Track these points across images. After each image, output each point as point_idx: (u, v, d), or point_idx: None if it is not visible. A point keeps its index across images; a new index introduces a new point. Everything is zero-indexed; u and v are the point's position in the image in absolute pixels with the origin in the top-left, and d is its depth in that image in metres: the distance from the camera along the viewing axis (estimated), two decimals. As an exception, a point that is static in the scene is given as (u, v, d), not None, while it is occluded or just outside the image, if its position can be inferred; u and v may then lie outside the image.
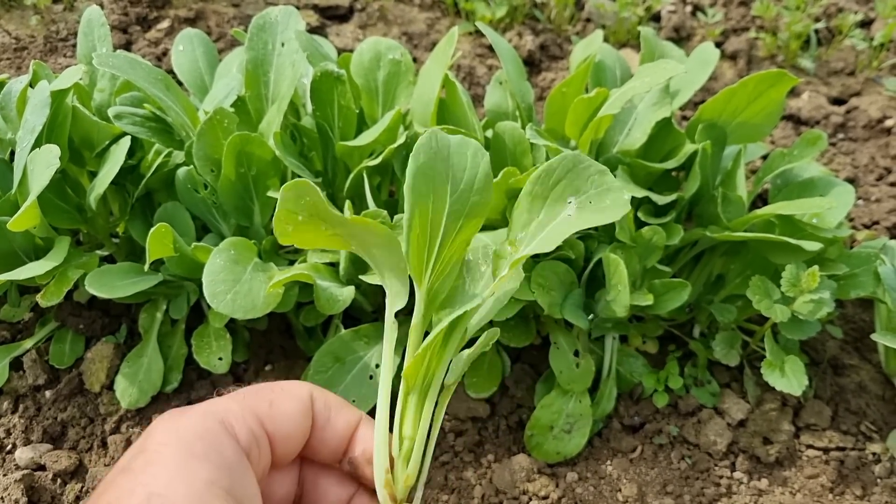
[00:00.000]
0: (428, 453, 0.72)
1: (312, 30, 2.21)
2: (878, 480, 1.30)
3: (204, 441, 0.59)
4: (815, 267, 1.19)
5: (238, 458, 0.60)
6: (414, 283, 0.72)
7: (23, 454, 1.27)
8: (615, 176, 1.26)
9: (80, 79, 1.27)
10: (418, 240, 0.70)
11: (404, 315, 0.75)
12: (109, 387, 1.36)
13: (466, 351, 0.77)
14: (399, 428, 0.71)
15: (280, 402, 0.67)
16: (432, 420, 0.73)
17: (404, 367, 0.71)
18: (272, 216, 1.44)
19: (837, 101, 2.16)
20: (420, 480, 0.72)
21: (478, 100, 2.00)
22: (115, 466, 0.60)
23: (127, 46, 2.08)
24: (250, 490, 0.60)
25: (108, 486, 0.57)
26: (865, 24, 2.38)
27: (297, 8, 2.27)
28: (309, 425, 0.70)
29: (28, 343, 1.41)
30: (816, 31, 2.32)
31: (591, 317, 1.29)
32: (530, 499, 1.24)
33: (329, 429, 0.71)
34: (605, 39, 2.19)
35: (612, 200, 0.73)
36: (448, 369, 0.75)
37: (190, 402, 1.36)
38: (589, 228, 1.34)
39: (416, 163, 0.70)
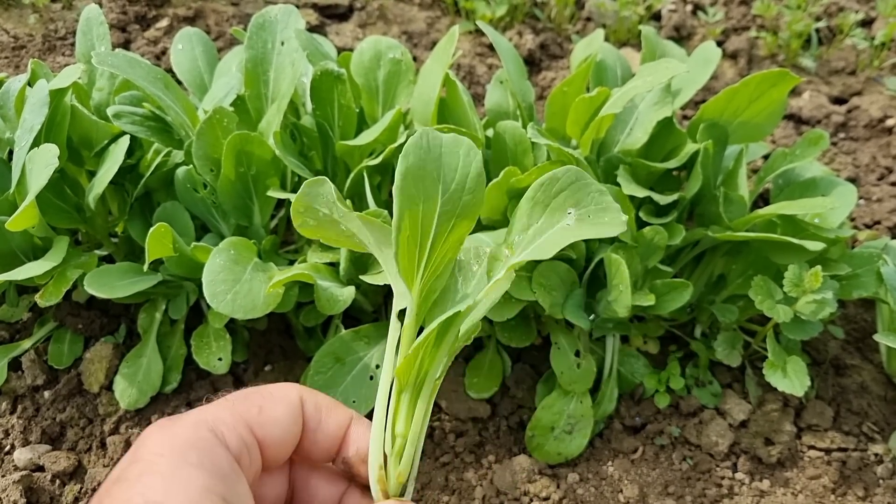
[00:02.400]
0: (417, 448, 0.73)
1: (312, 28, 2.20)
2: (881, 481, 1.29)
3: (197, 450, 0.59)
4: (818, 267, 1.18)
5: (230, 465, 0.61)
6: (405, 285, 0.72)
7: (21, 455, 1.27)
8: (616, 175, 1.26)
9: (79, 78, 1.26)
10: (408, 242, 0.70)
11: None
12: (108, 387, 1.36)
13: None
14: (392, 426, 0.72)
15: (269, 408, 0.68)
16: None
17: (396, 366, 0.71)
18: (272, 215, 1.44)
19: (838, 101, 2.15)
20: (411, 475, 0.73)
21: (478, 99, 2.00)
22: (109, 477, 0.60)
23: (126, 45, 2.07)
24: (243, 496, 0.61)
25: (103, 496, 0.57)
26: (866, 23, 2.37)
27: (297, 7, 2.26)
28: (299, 429, 0.70)
29: (27, 343, 1.40)
30: (817, 31, 2.31)
31: (592, 317, 1.28)
32: (531, 500, 1.24)
33: (320, 431, 0.71)
34: (606, 38, 2.18)
35: (609, 218, 0.73)
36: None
37: (189, 403, 1.35)
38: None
39: (405, 163, 0.69)
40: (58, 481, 1.25)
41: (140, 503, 0.54)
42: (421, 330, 0.72)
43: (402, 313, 0.74)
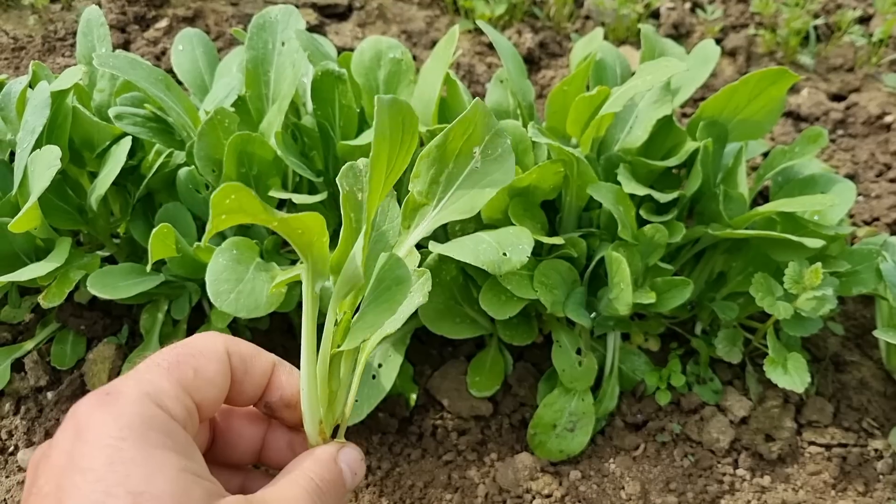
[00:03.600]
0: (351, 391, 0.76)
1: (311, 28, 2.20)
2: (881, 477, 1.30)
3: (155, 430, 0.58)
4: (818, 264, 1.19)
5: (186, 438, 0.61)
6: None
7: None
8: (617, 174, 1.27)
9: (80, 79, 1.26)
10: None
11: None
12: (111, 388, 1.36)
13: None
14: (328, 383, 0.74)
15: (203, 369, 0.67)
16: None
17: (327, 356, 0.73)
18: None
19: (837, 98, 2.16)
20: (345, 416, 0.76)
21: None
22: (46, 456, 0.57)
23: (125, 46, 2.07)
24: (202, 464, 0.61)
25: (61, 489, 0.53)
26: (864, 20, 2.38)
27: (296, 6, 2.26)
28: (228, 383, 0.70)
29: (29, 344, 1.41)
30: (815, 28, 2.32)
31: (593, 315, 1.29)
32: (534, 497, 1.24)
33: (246, 380, 0.72)
34: (605, 37, 2.19)
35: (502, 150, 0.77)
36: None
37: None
38: (591, 227, 1.35)
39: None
40: (62, 482, 1.25)
41: (124, 494, 0.52)
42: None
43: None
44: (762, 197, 1.69)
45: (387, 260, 0.75)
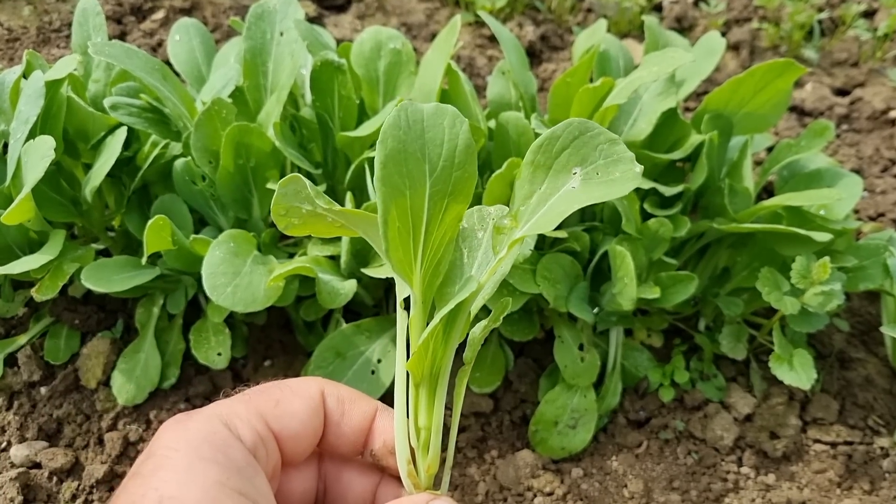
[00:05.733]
0: (451, 438, 0.71)
1: (310, 20, 2.17)
2: (886, 475, 1.28)
3: (211, 444, 0.59)
4: (827, 258, 1.17)
5: (245, 459, 0.60)
6: (404, 279, 0.68)
7: (18, 452, 1.25)
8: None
9: (75, 69, 1.24)
10: (399, 234, 0.65)
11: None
12: (106, 383, 1.34)
13: (479, 324, 0.73)
14: (414, 420, 0.70)
15: (287, 401, 0.67)
16: (453, 404, 0.72)
17: (407, 362, 0.68)
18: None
19: (841, 92, 2.14)
20: (446, 465, 0.72)
21: (478, 91, 1.97)
22: (128, 473, 0.60)
23: (121, 37, 2.05)
24: (262, 489, 0.60)
25: (120, 492, 0.57)
26: (869, 14, 2.35)
27: (295, -2, 2.24)
28: (320, 422, 0.69)
29: (22, 339, 1.39)
30: (820, 22, 2.30)
31: (595, 310, 1.27)
32: (535, 495, 1.22)
33: (345, 423, 0.70)
34: (607, 30, 2.16)
35: (621, 172, 0.63)
36: (454, 353, 0.72)
37: (188, 399, 1.34)
38: (594, 221, 1.33)
39: (384, 150, 0.62)
40: (55, 478, 1.23)
41: (155, 498, 0.54)
42: (431, 316, 0.69)
43: (407, 300, 0.71)
44: (766, 192, 1.67)
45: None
